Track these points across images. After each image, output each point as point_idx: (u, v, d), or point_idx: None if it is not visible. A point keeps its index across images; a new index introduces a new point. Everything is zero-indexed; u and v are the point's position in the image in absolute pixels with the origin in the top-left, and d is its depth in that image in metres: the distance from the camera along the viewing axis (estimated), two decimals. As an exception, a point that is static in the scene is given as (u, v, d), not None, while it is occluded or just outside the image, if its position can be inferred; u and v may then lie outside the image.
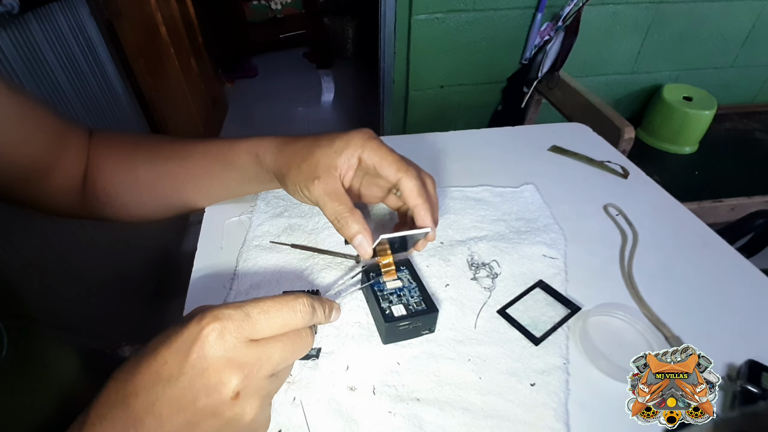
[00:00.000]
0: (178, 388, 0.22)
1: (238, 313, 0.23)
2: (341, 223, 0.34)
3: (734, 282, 0.43)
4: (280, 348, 0.25)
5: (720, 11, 1.47)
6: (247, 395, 0.23)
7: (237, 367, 0.23)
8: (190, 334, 0.22)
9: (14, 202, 0.39)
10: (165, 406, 0.22)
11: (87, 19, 1.05)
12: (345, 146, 0.35)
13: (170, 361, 0.22)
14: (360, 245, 0.34)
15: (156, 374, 0.22)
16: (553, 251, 0.45)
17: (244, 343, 0.23)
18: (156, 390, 0.22)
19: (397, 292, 0.36)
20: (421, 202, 0.35)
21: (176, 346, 0.22)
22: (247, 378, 0.23)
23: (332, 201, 0.34)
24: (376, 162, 0.35)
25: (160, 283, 1.36)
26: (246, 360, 0.23)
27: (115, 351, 0.51)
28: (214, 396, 0.22)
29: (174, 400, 0.22)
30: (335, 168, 0.35)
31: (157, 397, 0.22)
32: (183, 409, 0.22)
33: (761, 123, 1.69)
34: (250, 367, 0.23)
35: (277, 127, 2.37)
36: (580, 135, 0.67)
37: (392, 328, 0.34)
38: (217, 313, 0.23)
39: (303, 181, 0.35)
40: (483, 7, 1.32)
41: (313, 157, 0.36)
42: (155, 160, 0.43)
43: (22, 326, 0.31)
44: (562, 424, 0.31)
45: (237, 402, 0.23)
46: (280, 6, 3.04)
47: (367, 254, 0.34)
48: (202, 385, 0.22)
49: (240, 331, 0.23)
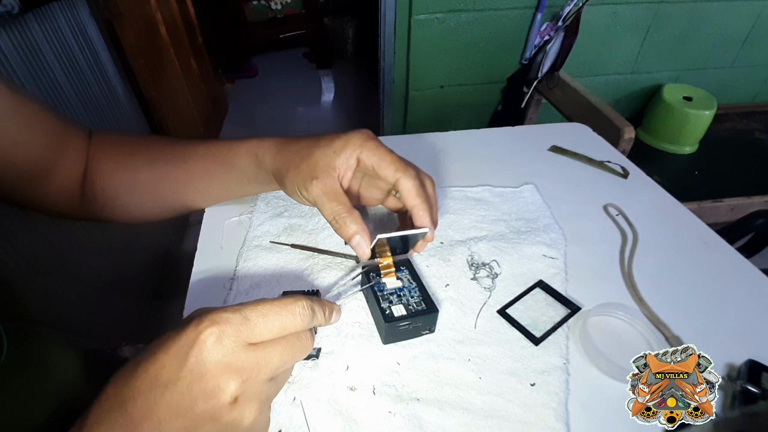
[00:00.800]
0: (176, 393, 0.21)
1: (236, 317, 0.23)
2: (339, 223, 0.34)
3: (734, 282, 0.43)
4: (279, 352, 0.24)
5: (720, 11, 1.47)
6: (246, 400, 0.23)
7: (235, 371, 0.22)
8: (188, 338, 0.22)
9: (14, 203, 0.39)
10: (163, 411, 0.21)
11: (87, 19, 1.05)
12: (344, 147, 0.35)
13: (168, 365, 0.22)
14: (358, 245, 0.34)
15: (154, 379, 0.22)
16: (553, 251, 0.45)
17: (243, 347, 0.23)
18: (154, 395, 0.21)
19: (397, 292, 0.36)
20: (420, 202, 0.35)
21: (174, 351, 0.22)
22: (246, 383, 0.23)
23: (330, 201, 0.34)
24: (375, 162, 0.35)
25: (160, 284, 1.36)
26: (244, 364, 0.23)
27: (115, 351, 0.51)
28: (212, 401, 0.22)
29: (172, 405, 0.21)
30: (334, 168, 0.35)
31: (155, 402, 0.21)
32: (181, 414, 0.22)
33: (761, 123, 1.69)
34: (248, 371, 0.23)
35: (277, 127, 2.36)
36: (580, 135, 0.67)
37: (392, 328, 0.34)
38: (215, 316, 0.23)
39: (301, 181, 0.35)
40: (483, 7, 1.32)
41: (311, 158, 0.36)
42: (155, 162, 0.43)
43: (23, 327, 0.31)
44: (562, 424, 0.31)
45: (235, 407, 0.22)
46: (280, 6, 3.04)
47: (365, 255, 0.34)
48: (200, 390, 0.22)
49: (238, 335, 0.23)
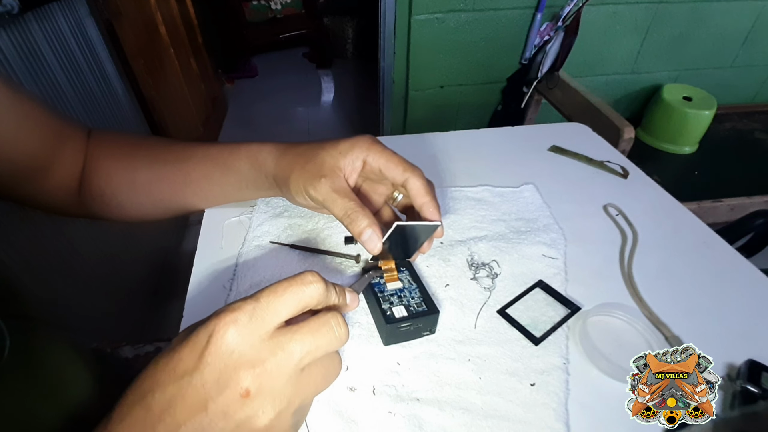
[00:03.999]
0: (191, 386, 0.21)
1: (248, 302, 0.22)
2: (351, 218, 0.34)
3: (734, 282, 0.43)
4: (299, 340, 0.22)
5: (720, 11, 1.47)
6: (259, 395, 0.21)
7: (248, 363, 0.21)
8: (207, 330, 0.22)
9: (11, 199, 0.39)
10: (180, 405, 0.21)
11: (87, 19, 1.05)
12: (350, 149, 0.36)
13: (185, 357, 0.21)
14: (369, 239, 0.33)
15: (172, 371, 0.21)
16: (553, 251, 0.45)
17: (259, 338, 0.22)
18: (172, 388, 0.21)
19: (398, 293, 0.36)
20: (429, 199, 0.36)
21: (192, 342, 0.22)
22: (260, 376, 0.21)
23: (341, 198, 0.34)
24: (382, 164, 0.36)
25: (161, 283, 1.36)
26: (258, 356, 0.21)
27: (116, 351, 0.51)
28: (225, 394, 0.21)
29: (188, 398, 0.21)
30: (340, 169, 0.35)
31: (172, 396, 0.21)
32: (197, 408, 0.21)
33: (761, 123, 1.69)
34: (263, 363, 0.21)
35: (277, 127, 2.36)
36: (580, 135, 0.67)
37: (393, 329, 0.34)
38: (231, 306, 0.22)
39: (309, 179, 0.35)
40: (483, 7, 1.32)
41: (317, 158, 0.36)
42: (154, 163, 0.43)
43: (24, 326, 0.31)
44: (562, 424, 0.31)
45: (247, 401, 0.21)
46: (280, 6, 3.04)
47: (377, 249, 0.34)
48: (213, 383, 0.21)
49: (252, 320, 0.22)
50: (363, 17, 2.82)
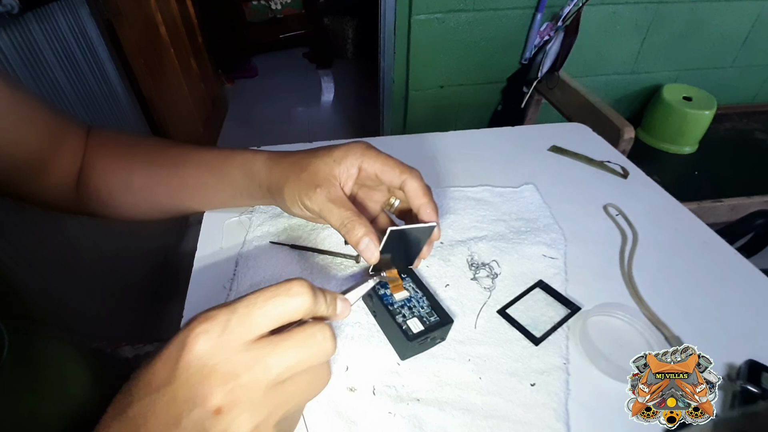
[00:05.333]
0: (164, 401, 0.20)
1: (222, 312, 0.21)
2: (348, 228, 0.33)
3: (734, 282, 0.43)
4: (279, 353, 0.21)
5: (720, 11, 1.47)
6: (234, 408, 0.20)
7: (220, 378, 0.20)
8: (179, 341, 0.20)
9: (10, 196, 0.39)
10: (154, 420, 0.20)
11: (87, 19, 1.05)
12: (344, 156, 0.35)
13: (159, 371, 0.20)
14: (367, 248, 0.33)
15: (147, 384, 0.20)
16: (553, 251, 0.45)
17: (233, 350, 0.20)
18: (146, 401, 0.20)
19: (407, 303, 0.36)
20: (427, 201, 0.35)
21: (166, 355, 0.21)
22: (233, 391, 0.20)
23: (338, 207, 0.34)
24: (378, 168, 0.35)
25: (160, 283, 1.36)
26: (233, 370, 0.20)
27: (116, 351, 0.51)
28: (197, 410, 0.20)
29: (162, 413, 0.20)
30: (335, 177, 0.35)
31: (148, 409, 0.20)
32: (171, 423, 0.20)
33: (761, 123, 1.69)
34: (237, 378, 0.20)
35: (277, 127, 2.36)
36: (580, 135, 0.67)
37: (414, 345, 0.34)
38: (203, 315, 0.21)
39: (304, 189, 0.35)
40: (483, 7, 1.32)
41: (311, 167, 0.36)
42: (150, 166, 0.42)
43: (24, 326, 0.31)
44: (562, 424, 0.31)
45: (220, 418, 0.20)
46: (280, 6, 3.03)
47: (374, 258, 0.33)
48: (185, 398, 0.20)
49: (226, 332, 0.20)
50: (363, 17, 2.82)
